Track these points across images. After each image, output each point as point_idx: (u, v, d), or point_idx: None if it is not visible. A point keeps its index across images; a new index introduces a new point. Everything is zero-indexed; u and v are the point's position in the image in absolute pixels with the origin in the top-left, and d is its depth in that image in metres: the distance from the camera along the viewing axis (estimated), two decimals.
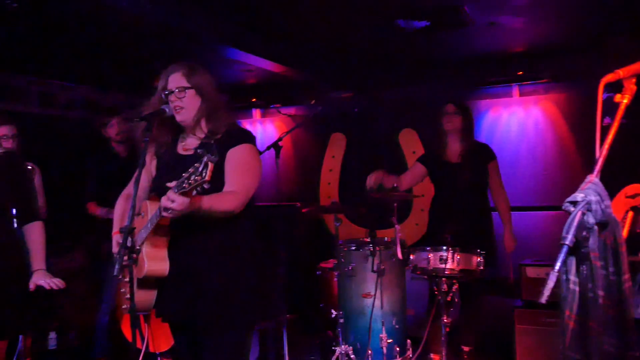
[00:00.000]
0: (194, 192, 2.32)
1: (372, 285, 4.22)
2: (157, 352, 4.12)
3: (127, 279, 2.55)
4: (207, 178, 2.24)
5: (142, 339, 3.15)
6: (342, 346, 4.25)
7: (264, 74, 6.06)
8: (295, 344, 4.98)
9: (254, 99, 7.32)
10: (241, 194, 2.59)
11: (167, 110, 2.68)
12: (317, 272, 4.96)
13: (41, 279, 3.08)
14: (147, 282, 2.63)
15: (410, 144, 6.50)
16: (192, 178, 2.26)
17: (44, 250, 3.20)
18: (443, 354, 4.06)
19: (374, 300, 4.19)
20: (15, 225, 3.18)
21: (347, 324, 4.33)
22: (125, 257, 2.40)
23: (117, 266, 2.35)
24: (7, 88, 5.56)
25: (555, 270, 1.48)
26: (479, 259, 3.98)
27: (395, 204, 4.25)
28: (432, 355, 4.48)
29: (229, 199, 2.56)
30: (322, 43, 5.42)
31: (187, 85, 2.68)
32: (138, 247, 2.57)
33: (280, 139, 4.71)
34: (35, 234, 3.18)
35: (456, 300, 4.12)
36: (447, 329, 4.04)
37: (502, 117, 6.13)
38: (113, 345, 4.76)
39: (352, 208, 5.89)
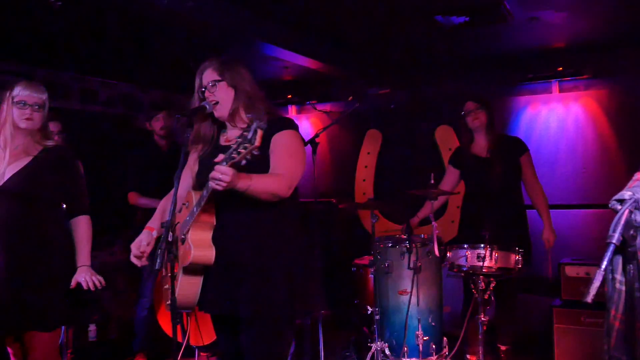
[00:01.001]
0: (244, 162, 2.28)
1: (409, 282, 4.21)
2: (196, 346, 4.15)
3: (169, 274, 2.56)
4: (257, 144, 2.20)
5: (184, 333, 3.18)
6: (378, 343, 4.25)
7: (300, 70, 6.07)
8: (330, 340, 5.00)
9: (289, 95, 7.34)
10: (286, 177, 2.57)
11: (207, 106, 2.70)
12: (353, 269, 4.97)
13: (83, 276, 3.10)
14: (192, 270, 2.61)
15: (447, 140, 6.45)
16: (241, 147, 2.22)
17: (90, 246, 3.23)
18: (480, 352, 4.04)
19: (410, 297, 4.19)
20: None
21: (383, 320, 4.32)
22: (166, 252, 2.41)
23: (158, 260, 2.36)
24: (50, 85, 5.66)
25: (601, 270, 1.46)
26: (517, 257, 3.93)
27: (432, 201, 4.23)
28: (468, 356, 4.47)
29: (273, 180, 2.55)
30: (359, 39, 5.40)
31: (218, 78, 2.70)
32: (183, 236, 2.59)
33: (317, 136, 4.72)
34: (82, 228, 3.21)
35: (493, 298, 4.09)
36: (484, 328, 4.01)
37: (541, 113, 6.02)
38: (152, 339, 4.83)
39: (388, 204, 5.87)
